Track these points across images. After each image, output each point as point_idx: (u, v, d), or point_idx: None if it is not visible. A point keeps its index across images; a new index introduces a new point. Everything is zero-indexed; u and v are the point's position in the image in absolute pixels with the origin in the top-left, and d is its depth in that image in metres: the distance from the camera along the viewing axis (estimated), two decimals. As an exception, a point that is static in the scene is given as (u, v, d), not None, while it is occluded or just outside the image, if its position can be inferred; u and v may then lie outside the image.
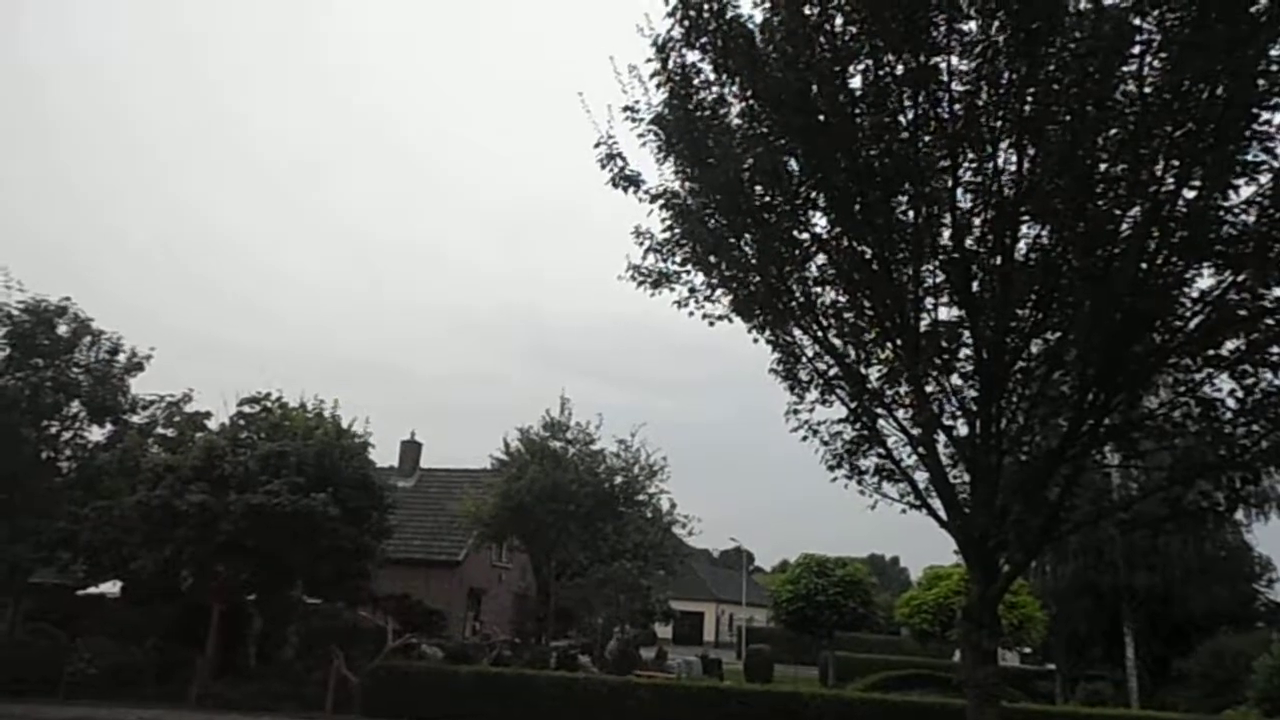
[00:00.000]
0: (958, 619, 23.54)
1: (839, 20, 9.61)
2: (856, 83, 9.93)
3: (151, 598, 21.10)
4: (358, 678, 19.71)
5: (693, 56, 10.59)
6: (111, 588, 22.66)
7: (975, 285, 10.66)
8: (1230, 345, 9.77)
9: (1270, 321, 9.37)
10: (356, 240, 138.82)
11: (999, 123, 9.68)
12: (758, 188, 10.86)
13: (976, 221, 10.42)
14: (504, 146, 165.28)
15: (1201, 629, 27.78)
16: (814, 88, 9.80)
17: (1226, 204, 9.02)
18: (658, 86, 10.85)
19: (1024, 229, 10.23)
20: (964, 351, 11.15)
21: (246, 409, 21.68)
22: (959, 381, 11.34)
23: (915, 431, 11.65)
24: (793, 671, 36.53)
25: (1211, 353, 9.85)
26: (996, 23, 9.16)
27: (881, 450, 12.16)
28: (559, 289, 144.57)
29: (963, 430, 11.41)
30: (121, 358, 22.95)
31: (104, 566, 21.38)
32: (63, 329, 22.19)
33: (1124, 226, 9.51)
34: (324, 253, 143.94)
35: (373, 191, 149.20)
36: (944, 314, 11.24)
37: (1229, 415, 9.88)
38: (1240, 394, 9.75)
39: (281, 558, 19.46)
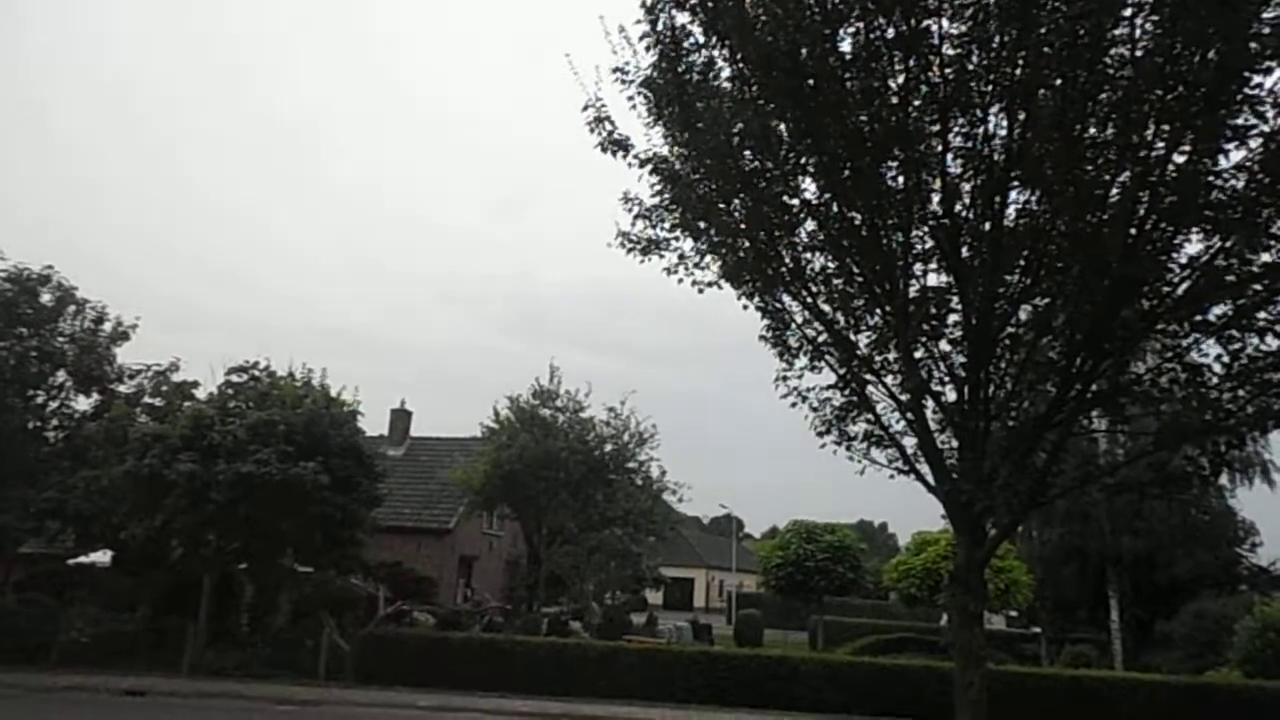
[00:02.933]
0: (945, 583, 23.79)
1: (830, -18, 9.48)
2: (847, 46, 9.82)
3: (142, 567, 21.13)
4: (350, 645, 19.84)
5: (682, 18, 10.46)
6: (102, 557, 22.66)
7: (965, 251, 10.63)
8: (1218, 311, 9.80)
9: (1258, 287, 9.39)
10: (348, 211, 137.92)
11: (989, 87, 9.60)
12: (747, 152, 10.77)
13: (966, 187, 10.38)
14: (500, 114, 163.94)
15: (1185, 592, 28.15)
16: (804, 51, 9.68)
17: (1216, 169, 8.98)
18: (647, 49, 10.72)
19: (1014, 194, 10.19)
20: (953, 317, 11.15)
21: (234, 378, 21.55)
22: (948, 347, 11.35)
23: (904, 397, 11.67)
24: (782, 636, 36.92)
25: (1199, 318, 9.87)
26: (988, -16, 9.05)
27: (870, 416, 12.18)
28: (551, 258, 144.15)
29: (951, 396, 11.44)
30: (107, 326, 22.77)
31: (93, 536, 21.37)
32: (46, 298, 21.98)
33: (1114, 192, 9.48)
34: (314, 223, 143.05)
35: (364, 160, 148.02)
36: (933, 280, 11.24)
37: (1215, 380, 9.92)
38: (1227, 359, 9.79)
39: (272, 526, 19.46)
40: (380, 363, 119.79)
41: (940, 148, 10.08)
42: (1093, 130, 9.35)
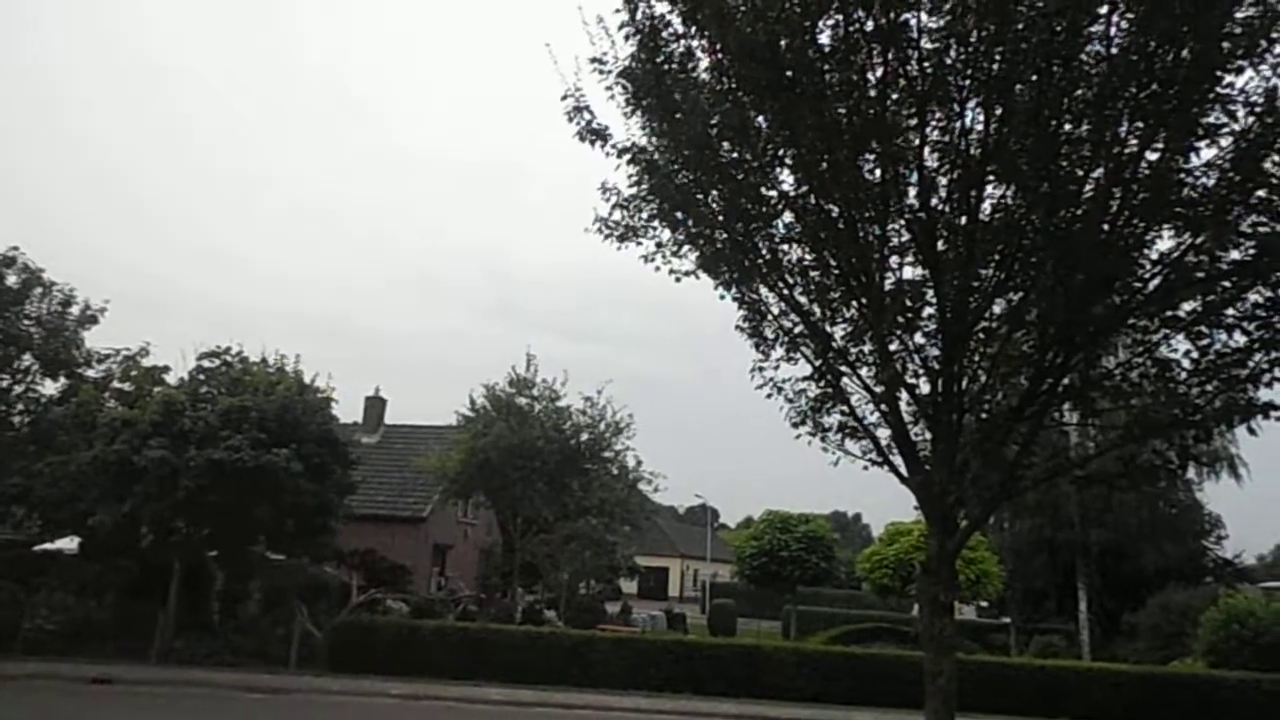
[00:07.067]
0: (917, 574, 23.99)
1: (810, -27, 9.45)
2: (825, 38, 9.79)
3: (110, 554, 20.89)
4: (322, 633, 19.74)
5: (661, 8, 10.38)
6: (69, 543, 22.38)
7: (940, 245, 10.65)
8: (1187, 307, 9.89)
9: (1226, 284, 9.49)
10: (322, 199, 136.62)
11: (967, 82, 9.61)
12: (725, 144, 10.73)
13: (943, 181, 10.39)
14: (473, 101, 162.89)
15: (1152, 584, 28.59)
16: (783, 43, 9.66)
17: (1188, 166, 9.07)
18: (626, 39, 10.65)
19: (989, 189, 10.22)
20: (927, 310, 11.17)
21: (206, 363, 21.36)
22: (922, 340, 11.38)
23: (878, 389, 11.71)
24: (756, 625, 37.21)
25: (1169, 314, 9.96)
26: (967, -21, 9.06)
27: (845, 408, 12.20)
28: (529, 245, 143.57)
29: (925, 388, 11.47)
30: (75, 310, 22.44)
31: (60, 522, 21.09)
32: (12, 280, 21.60)
33: (1087, 188, 9.55)
34: (288, 213, 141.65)
35: (334, 149, 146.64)
36: (909, 273, 11.23)
37: (1184, 375, 10.03)
38: (1195, 355, 9.89)
39: (243, 513, 19.32)
40: (355, 349, 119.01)
41: (917, 141, 10.09)
42: (1068, 126, 9.39)
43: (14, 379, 21.79)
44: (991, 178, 10.06)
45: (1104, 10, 8.72)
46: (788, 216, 11.31)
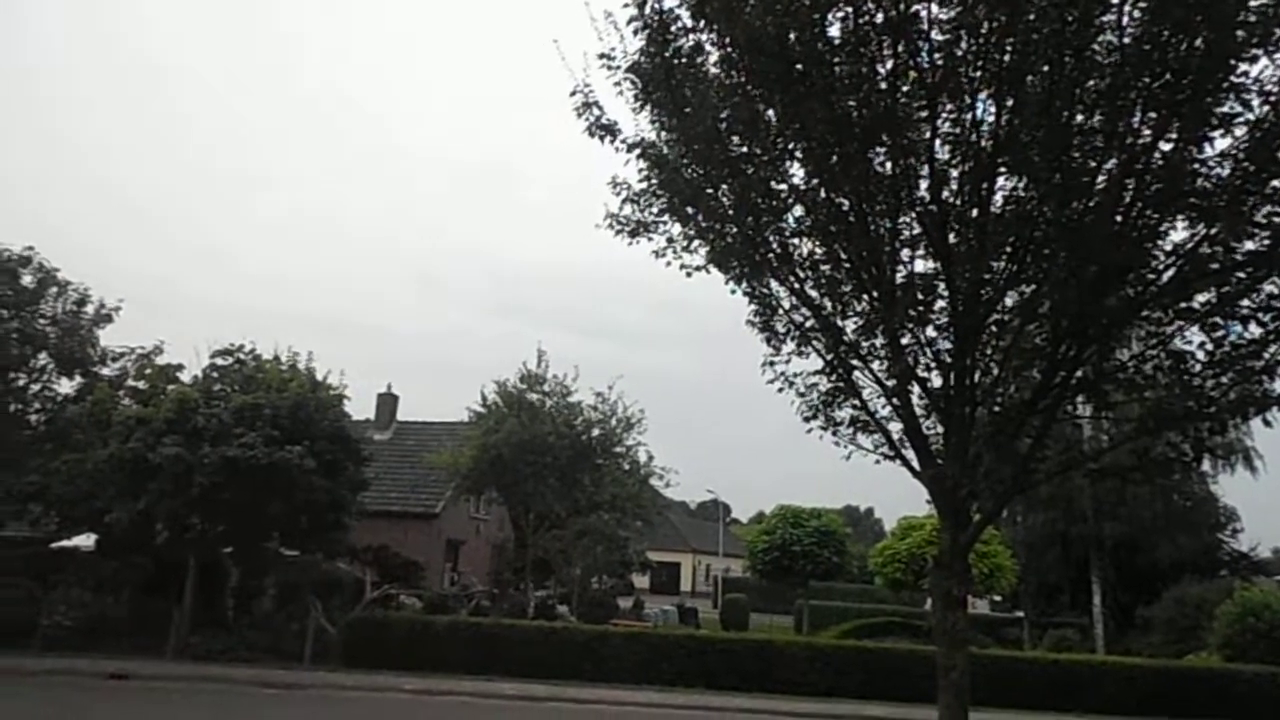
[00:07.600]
0: (929, 568, 23.94)
1: (819, -35, 9.41)
2: (835, 31, 9.74)
3: (126, 550, 21.04)
4: (336, 628, 19.84)
5: (670, 1, 10.38)
6: (85, 540, 22.56)
7: (952, 237, 10.59)
8: (1201, 298, 9.81)
9: (1241, 274, 9.41)
10: (322, 200, 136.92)
11: (978, 73, 9.54)
12: (735, 138, 10.70)
13: (954, 173, 10.33)
14: (473, 101, 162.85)
15: (1167, 577, 28.44)
16: (792, 36, 9.62)
17: (1201, 157, 8.99)
18: (634, 33, 10.62)
19: (1001, 181, 10.16)
20: (939, 303, 11.11)
21: (219, 361, 21.46)
22: (934, 333, 11.32)
23: (890, 383, 11.67)
24: (768, 620, 37.17)
25: (1183, 305, 9.88)
26: (977, -31, 9.00)
27: (857, 402, 12.17)
28: (530, 245, 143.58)
29: (937, 382, 11.43)
30: (90, 309, 22.58)
31: (77, 519, 21.25)
32: (28, 279, 21.74)
33: (1100, 179, 9.48)
34: (288, 213, 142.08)
35: (334, 150, 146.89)
36: (920, 266, 11.18)
37: (1198, 367, 9.95)
38: (1210, 346, 9.82)
39: (257, 510, 19.42)
40: (357, 348, 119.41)
41: (928, 134, 10.03)
42: (1080, 117, 9.32)
43: (30, 377, 21.95)
44: (1003, 170, 10.00)
45: (1116, 0, 8.65)
46: (798, 210, 11.27)
